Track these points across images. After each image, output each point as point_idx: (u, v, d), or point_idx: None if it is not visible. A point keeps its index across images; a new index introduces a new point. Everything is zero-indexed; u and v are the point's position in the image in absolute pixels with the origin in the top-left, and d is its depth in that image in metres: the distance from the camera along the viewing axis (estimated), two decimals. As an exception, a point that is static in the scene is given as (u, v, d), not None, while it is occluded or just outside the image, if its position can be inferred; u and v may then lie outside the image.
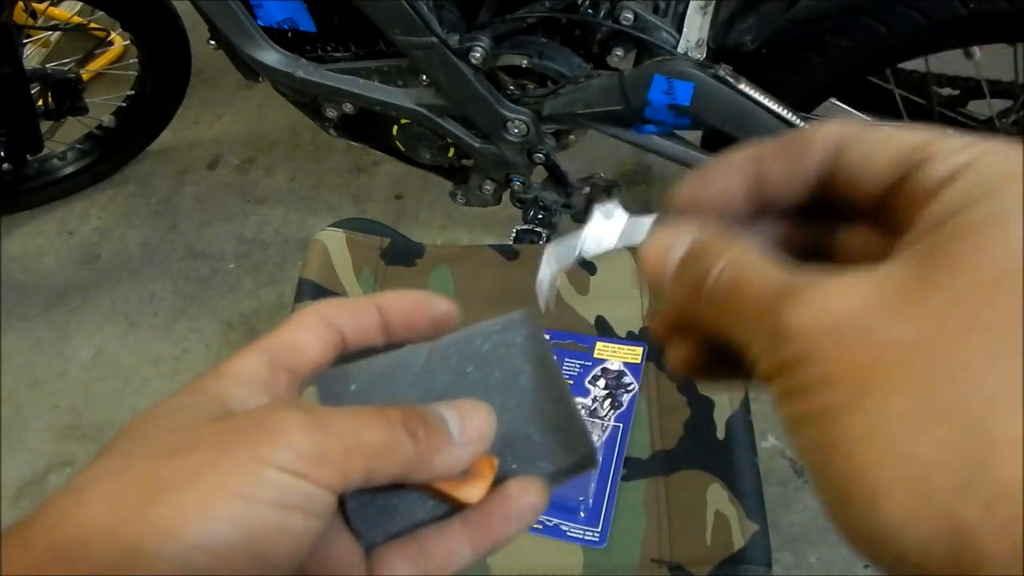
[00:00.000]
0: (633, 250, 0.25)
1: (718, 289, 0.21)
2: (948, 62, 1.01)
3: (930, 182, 0.20)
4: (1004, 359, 0.16)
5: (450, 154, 1.13)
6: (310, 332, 0.27)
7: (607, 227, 0.26)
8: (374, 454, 0.23)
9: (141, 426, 0.23)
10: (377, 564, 0.26)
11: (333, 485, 0.22)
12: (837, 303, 0.19)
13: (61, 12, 1.72)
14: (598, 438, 0.73)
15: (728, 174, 0.24)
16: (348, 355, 0.28)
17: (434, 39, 0.96)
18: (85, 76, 1.60)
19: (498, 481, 0.26)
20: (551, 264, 0.27)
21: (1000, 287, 0.17)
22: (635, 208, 0.26)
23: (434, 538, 0.26)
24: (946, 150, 0.20)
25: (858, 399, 0.17)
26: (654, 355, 0.79)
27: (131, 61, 1.59)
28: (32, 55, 1.81)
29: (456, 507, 0.26)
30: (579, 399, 0.76)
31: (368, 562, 0.26)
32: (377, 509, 0.26)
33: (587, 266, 0.86)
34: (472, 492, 0.26)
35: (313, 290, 0.85)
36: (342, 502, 0.26)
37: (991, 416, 0.16)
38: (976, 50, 0.96)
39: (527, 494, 0.26)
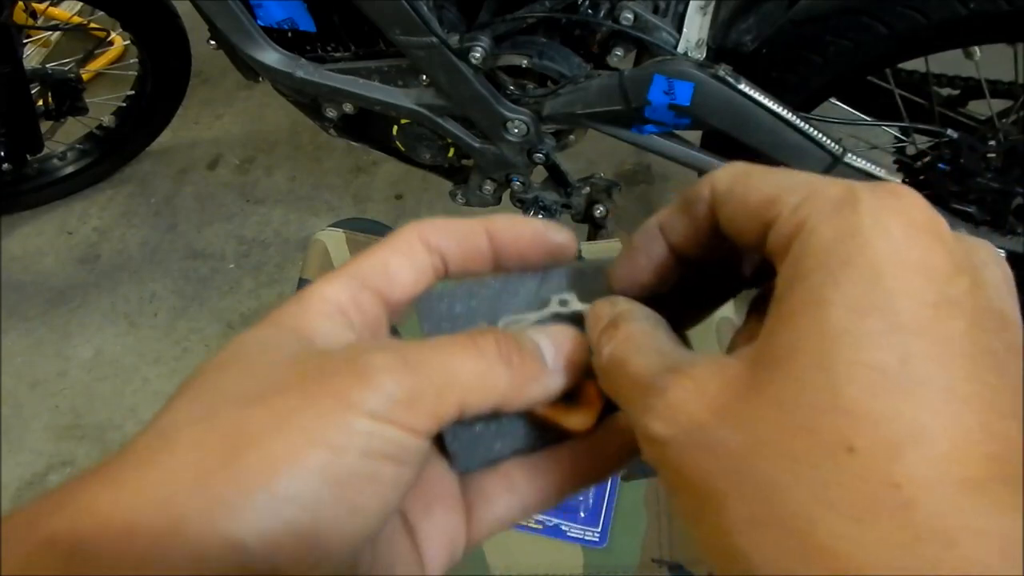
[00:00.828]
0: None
1: (605, 368, 0.23)
2: (948, 62, 1.01)
3: (776, 247, 0.20)
4: (809, 468, 0.17)
5: (450, 154, 1.13)
6: (407, 257, 0.25)
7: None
8: (467, 388, 0.22)
9: (221, 367, 0.22)
10: (474, 492, 0.25)
11: (426, 429, 0.21)
12: (685, 408, 0.19)
13: (61, 12, 1.72)
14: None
15: (646, 246, 0.24)
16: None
17: (434, 39, 0.96)
18: (85, 76, 1.60)
19: (608, 412, 0.25)
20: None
21: (807, 387, 0.17)
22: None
23: (537, 466, 0.25)
24: (786, 210, 0.19)
25: (700, 508, 0.18)
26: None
27: (131, 61, 1.59)
28: (32, 55, 1.81)
29: (562, 435, 0.25)
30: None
31: (464, 489, 0.25)
32: (475, 434, 0.24)
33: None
34: (579, 420, 0.24)
35: (313, 290, 0.85)
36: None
37: (811, 525, 0.16)
38: (976, 50, 0.96)
39: None
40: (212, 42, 1.11)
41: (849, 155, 0.92)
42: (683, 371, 0.20)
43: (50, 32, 1.77)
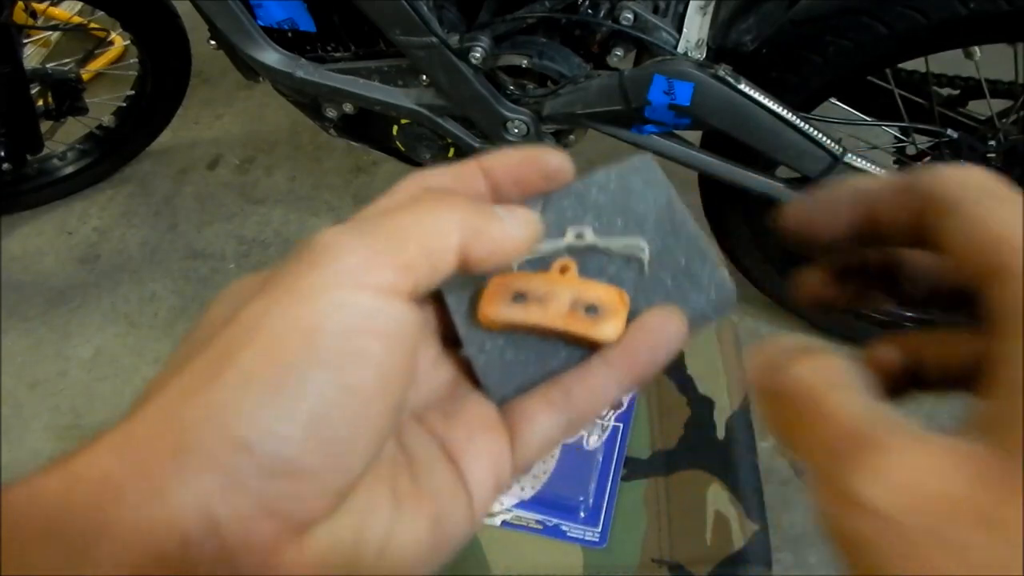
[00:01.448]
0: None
1: (789, 392, 0.19)
2: (948, 62, 1.01)
3: (1006, 305, 0.17)
4: None
5: (450, 154, 1.13)
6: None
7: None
8: (421, 231, 0.21)
9: (210, 312, 0.23)
10: (516, 415, 0.25)
11: (402, 284, 0.21)
12: (921, 482, 0.16)
13: (61, 12, 1.72)
14: (598, 438, 0.73)
15: (839, 203, 0.23)
16: None
17: (434, 39, 0.96)
18: (85, 76, 1.60)
19: (631, 319, 0.25)
20: None
21: None
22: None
23: (576, 380, 0.25)
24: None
25: None
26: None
27: (131, 61, 1.59)
28: (32, 55, 1.81)
29: (592, 349, 0.25)
30: (579, 399, 0.76)
31: (506, 415, 0.25)
32: (506, 363, 0.25)
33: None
34: (608, 329, 0.24)
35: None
36: (467, 362, 0.25)
37: None
38: (976, 50, 0.96)
39: (668, 323, 0.25)
40: (212, 42, 1.11)
41: (849, 155, 0.92)
42: (915, 435, 0.17)
43: (50, 32, 1.77)
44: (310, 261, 0.20)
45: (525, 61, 0.99)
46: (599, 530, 0.68)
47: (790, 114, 0.91)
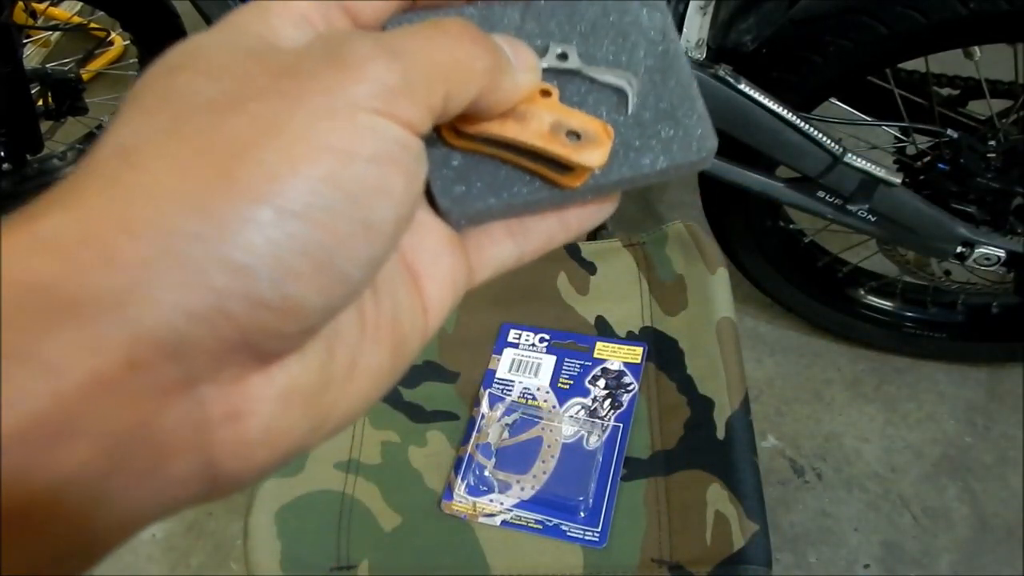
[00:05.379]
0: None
1: None
2: (948, 62, 1.01)
3: None
4: None
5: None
6: None
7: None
8: (449, 71, 0.19)
9: (173, 71, 0.18)
10: (480, 234, 0.24)
11: (422, 123, 0.19)
12: None
13: (61, 12, 1.72)
14: (598, 438, 0.73)
15: None
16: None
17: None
18: (85, 76, 1.60)
19: None
20: None
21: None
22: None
23: (532, 220, 0.24)
24: None
25: None
26: (654, 355, 0.79)
27: (131, 61, 1.59)
28: (32, 55, 1.81)
29: (558, 189, 0.23)
30: (579, 399, 0.76)
31: (466, 234, 0.24)
32: (467, 186, 0.23)
33: (587, 266, 0.86)
34: (594, 156, 0.22)
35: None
36: (427, 190, 0.23)
37: None
38: (976, 50, 0.96)
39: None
40: (212, 42, 1.11)
41: (849, 155, 0.92)
42: None
43: (50, 32, 1.77)
44: (340, 68, 0.18)
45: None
46: (599, 530, 0.68)
47: (790, 114, 0.91)
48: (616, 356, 0.79)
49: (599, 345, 0.80)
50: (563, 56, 0.24)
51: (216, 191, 0.16)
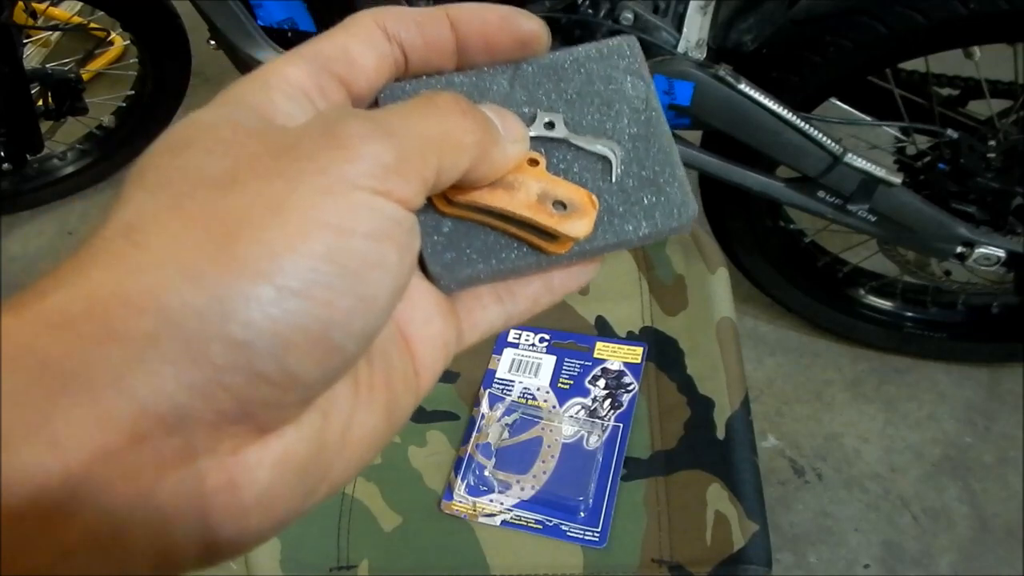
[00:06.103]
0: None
1: None
2: (948, 62, 1.01)
3: None
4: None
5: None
6: (366, 42, 0.23)
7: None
8: (441, 146, 0.20)
9: (174, 150, 0.19)
10: (469, 299, 0.24)
11: (417, 198, 0.19)
12: None
13: (61, 12, 1.72)
14: (598, 438, 0.73)
15: None
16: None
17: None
18: (85, 76, 1.60)
19: None
20: None
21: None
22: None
23: (518, 284, 0.25)
24: None
25: None
26: (654, 355, 0.79)
27: (131, 61, 1.59)
28: (32, 55, 1.81)
29: (544, 256, 0.24)
30: (579, 399, 0.76)
31: (456, 299, 0.24)
32: (457, 253, 0.23)
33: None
34: (579, 226, 0.23)
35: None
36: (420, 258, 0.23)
37: None
38: (976, 50, 0.96)
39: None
40: (212, 42, 1.11)
41: (849, 155, 0.92)
42: None
43: (50, 32, 1.76)
44: (337, 147, 0.18)
45: (525, 61, 0.99)
46: (599, 530, 0.68)
47: (790, 114, 0.91)
48: (616, 356, 0.79)
49: (599, 345, 0.80)
50: (550, 125, 0.25)
51: (217, 268, 0.16)
